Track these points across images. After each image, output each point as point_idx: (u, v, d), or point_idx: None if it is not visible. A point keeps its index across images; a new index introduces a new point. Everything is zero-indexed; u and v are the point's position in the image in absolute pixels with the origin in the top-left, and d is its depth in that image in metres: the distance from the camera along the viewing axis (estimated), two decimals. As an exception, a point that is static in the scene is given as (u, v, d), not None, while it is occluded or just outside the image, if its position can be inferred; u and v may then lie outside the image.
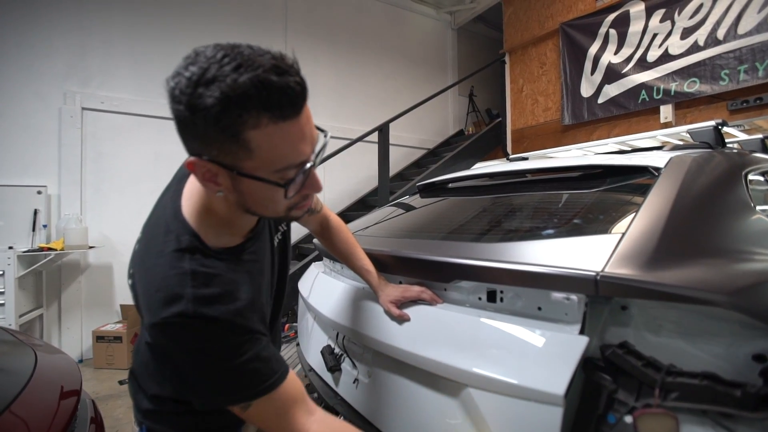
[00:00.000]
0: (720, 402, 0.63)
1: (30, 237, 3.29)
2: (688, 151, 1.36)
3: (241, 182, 0.59)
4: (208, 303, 0.61)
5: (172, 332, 0.60)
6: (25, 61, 3.39)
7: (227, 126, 0.52)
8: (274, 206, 0.64)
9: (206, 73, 0.51)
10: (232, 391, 0.65)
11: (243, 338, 0.65)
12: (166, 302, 0.60)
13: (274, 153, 0.56)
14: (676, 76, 3.58)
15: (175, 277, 0.62)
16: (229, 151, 0.55)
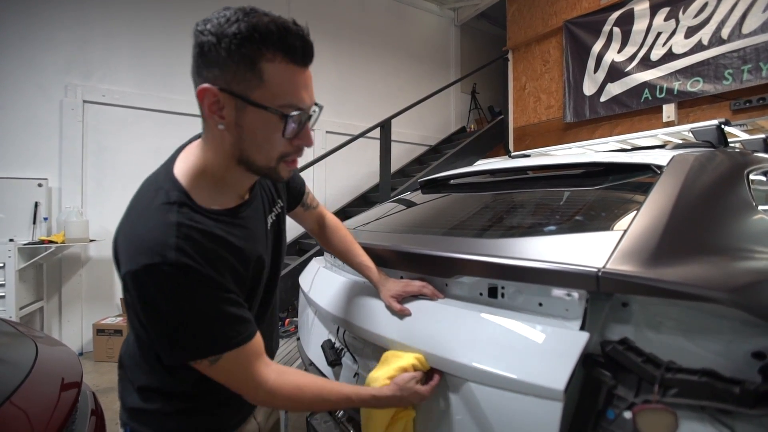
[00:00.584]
0: (719, 398, 0.63)
1: (31, 230, 3.30)
2: (690, 149, 1.36)
3: (245, 115, 0.63)
4: (189, 255, 0.62)
5: (153, 279, 0.61)
6: (26, 54, 3.38)
7: (247, 53, 0.59)
8: (269, 149, 0.66)
9: (237, 14, 0.61)
10: (205, 342, 0.65)
11: (219, 294, 0.66)
12: (148, 250, 0.61)
13: (282, 88, 0.62)
14: (679, 75, 3.57)
15: (161, 227, 0.63)
16: (243, 78, 0.61)
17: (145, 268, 0.60)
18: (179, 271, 0.61)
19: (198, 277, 0.63)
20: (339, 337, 1.25)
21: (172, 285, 0.61)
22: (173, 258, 0.60)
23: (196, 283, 0.63)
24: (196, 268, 0.62)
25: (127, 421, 0.81)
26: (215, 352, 0.65)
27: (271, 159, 0.68)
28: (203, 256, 0.63)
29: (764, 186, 1.37)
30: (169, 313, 0.62)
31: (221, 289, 0.66)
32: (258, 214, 0.81)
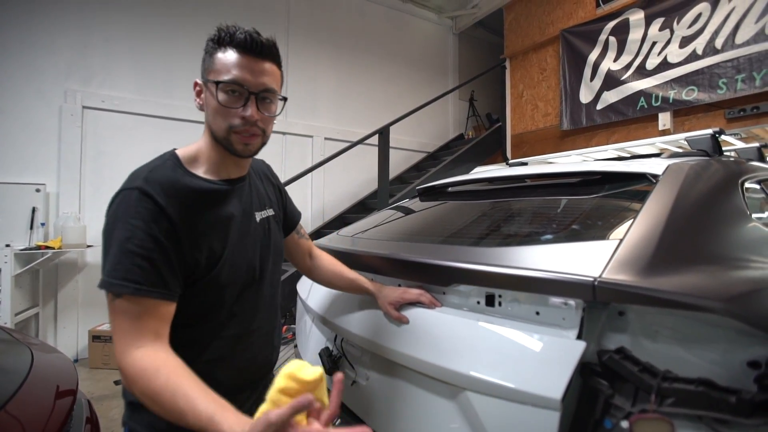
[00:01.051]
0: (715, 408, 0.64)
1: (28, 235, 3.28)
2: (685, 158, 1.37)
3: (206, 94, 0.81)
4: (151, 185, 0.74)
5: (120, 199, 0.74)
6: (26, 59, 3.39)
7: (210, 49, 0.80)
8: (220, 118, 0.80)
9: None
10: (111, 270, 0.70)
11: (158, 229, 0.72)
12: (128, 180, 0.76)
13: (224, 67, 0.78)
14: (674, 84, 3.61)
15: (144, 169, 0.78)
16: (206, 67, 0.81)
17: (119, 192, 0.75)
18: (139, 193, 0.73)
19: (150, 203, 0.72)
20: (336, 345, 1.25)
21: (127, 203, 0.72)
22: (138, 184, 0.73)
23: (144, 209, 0.72)
24: (151, 195, 0.73)
25: (126, 419, 0.83)
26: (113, 283, 0.69)
27: (222, 128, 0.80)
28: (163, 190, 0.74)
29: (758, 194, 1.38)
30: (115, 230, 0.71)
31: (163, 227, 0.73)
32: (237, 200, 0.88)
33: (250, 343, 0.92)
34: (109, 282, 0.70)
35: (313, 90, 4.95)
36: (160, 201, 0.73)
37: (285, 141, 4.68)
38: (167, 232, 0.73)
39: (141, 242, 0.71)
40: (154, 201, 0.73)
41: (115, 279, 0.69)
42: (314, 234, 4.52)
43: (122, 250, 0.70)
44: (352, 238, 1.53)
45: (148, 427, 0.81)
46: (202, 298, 0.81)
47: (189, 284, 0.78)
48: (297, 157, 4.76)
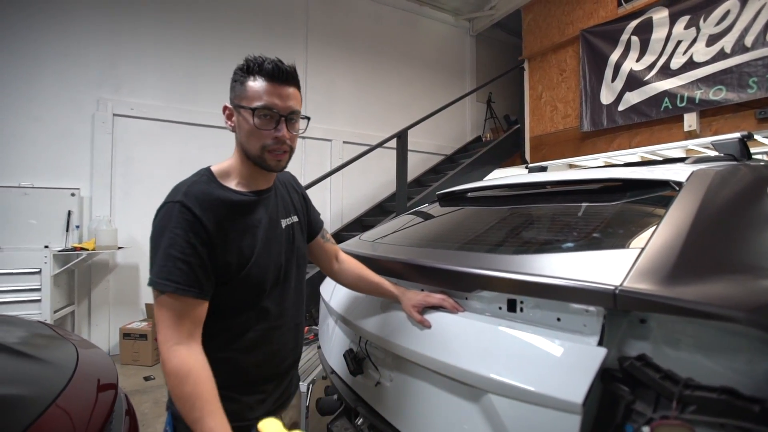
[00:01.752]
0: (738, 416, 0.65)
1: (64, 237, 3.45)
2: (711, 164, 1.36)
3: (239, 116, 0.91)
4: (190, 199, 0.85)
5: (163, 211, 0.85)
6: (61, 70, 3.57)
7: (240, 77, 0.90)
8: (253, 139, 0.89)
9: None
10: (157, 271, 0.82)
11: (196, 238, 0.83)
12: (171, 194, 0.87)
13: (256, 94, 0.88)
14: (701, 84, 3.52)
15: (184, 183, 0.90)
16: (237, 94, 0.90)
17: (163, 205, 0.86)
18: (180, 207, 0.84)
19: (189, 215, 0.83)
20: (361, 347, 1.29)
21: (169, 214, 0.84)
22: (179, 198, 0.85)
23: (184, 220, 0.83)
24: (191, 208, 0.84)
25: (170, 404, 0.92)
26: (158, 283, 0.81)
27: (257, 148, 0.90)
28: (200, 203, 0.85)
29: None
30: (160, 234, 0.83)
31: (200, 236, 0.84)
32: (264, 209, 0.98)
33: (276, 337, 1.00)
34: (155, 281, 0.82)
35: (331, 94, 5.03)
36: (197, 212, 0.84)
37: (304, 145, 4.77)
38: (203, 239, 0.85)
39: (181, 248, 0.82)
40: (192, 213, 0.84)
41: (160, 278, 0.81)
42: (333, 237, 4.58)
43: (166, 255, 0.82)
44: (373, 243, 1.57)
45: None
46: (234, 295, 0.91)
47: (222, 283, 0.89)
48: (316, 161, 4.84)
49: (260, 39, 4.52)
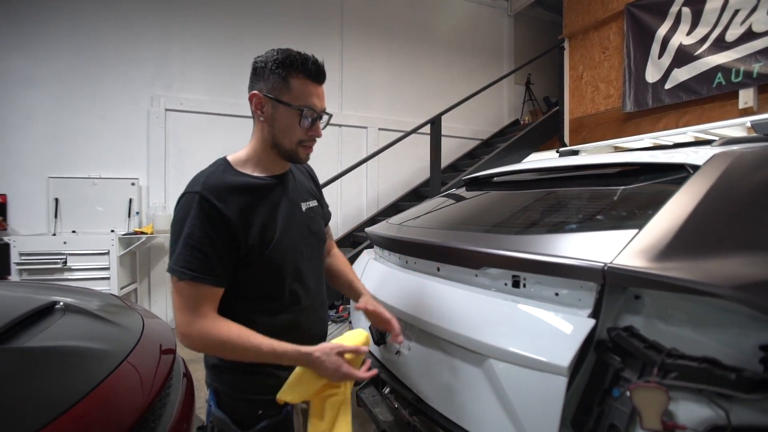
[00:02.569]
0: (716, 383, 0.70)
1: (126, 222, 3.85)
2: (741, 146, 1.33)
3: (277, 110, 0.93)
4: (209, 190, 0.88)
5: (183, 201, 0.89)
6: (120, 70, 3.93)
7: (281, 72, 0.91)
8: (292, 134, 0.94)
9: (279, 50, 0.93)
10: (176, 259, 0.86)
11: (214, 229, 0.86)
12: (191, 185, 0.91)
13: (301, 93, 0.92)
14: (759, 56, 3.25)
15: (202, 173, 0.93)
16: (277, 88, 0.92)
17: (183, 195, 0.90)
18: (200, 198, 0.87)
19: (207, 206, 0.86)
20: (383, 321, 1.41)
21: (190, 205, 0.87)
22: (198, 188, 0.88)
23: (202, 211, 0.86)
24: (210, 200, 0.87)
25: (210, 381, 0.99)
26: (178, 271, 0.85)
27: (293, 143, 0.95)
28: (218, 194, 0.88)
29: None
30: (180, 224, 0.87)
31: (217, 226, 0.86)
32: (283, 191, 1.01)
33: (305, 318, 1.03)
34: (173, 268, 0.86)
35: (366, 82, 5.11)
36: (215, 203, 0.87)
37: (341, 133, 4.91)
38: (221, 228, 0.87)
39: (198, 238, 0.85)
40: (210, 203, 0.87)
41: (178, 266, 0.85)
42: (369, 221, 4.73)
43: (184, 244, 0.85)
44: (399, 226, 1.68)
45: (229, 386, 0.96)
46: (260, 276, 0.94)
47: (246, 264, 0.92)
48: (352, 148, 4.98)
49: (297, 31, 4.67)
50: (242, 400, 0.95)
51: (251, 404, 0.95)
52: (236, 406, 0.95)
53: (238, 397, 0.96)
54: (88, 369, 1.16)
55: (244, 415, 0.95)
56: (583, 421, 0.81)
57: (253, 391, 0.95)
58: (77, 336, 1.36)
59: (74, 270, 3.42)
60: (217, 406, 0.97)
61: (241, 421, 0.94)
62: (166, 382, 1.36)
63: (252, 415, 0.95)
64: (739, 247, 0.87)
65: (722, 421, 0.68)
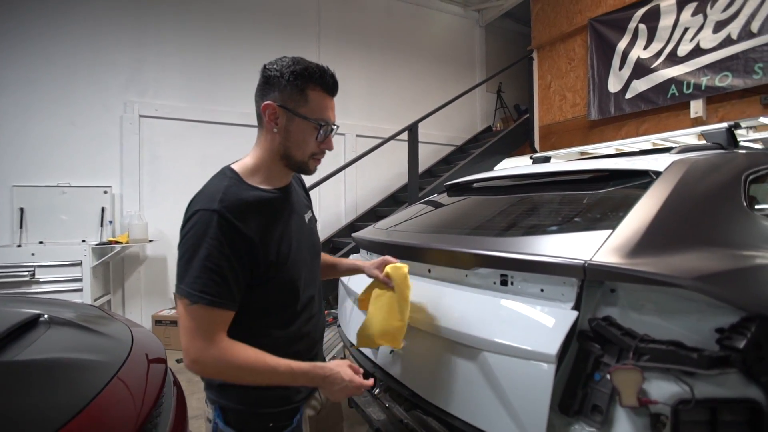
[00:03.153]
0: (681, 362, 0.81)
1: (99, 231, 3.73)
2: (695, 153, 1.48)
3: (293, 122, 0.91)
4: (226, 207, 0.84)
5: (199, 219, 0.83)
6: (93, 75, 3.82)
7: (299, 83, 0.89)
8: (305, 147, 0.93)
9: (295, 60, 0.92)
10: (191, 281, 0.80)
11: (232, 250, 0.82)
12: (203, 201, 0.86)
13: (318, 107, 0.92)
14: (707, 71, 3.56)
15: (215, 188, 0.88)
16: (293, 99, 0.90)
17: (197, 212, 0.84)
18: (217, 217, 0.82)
19: (227, 226, 0.82)
20: (376, 322, 1.47)
21: (207, 224, 0.82)
22: (216, 206, 0.83)
23: (222, 232, 0.82)
24: (229, 219, 0.83)
25: (216, 398, 0.95)
26: (194, 295, 0.80)
27: (305, 155, 0.95)
28: (237, 211, 0.85)
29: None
30: (196, 247, 0.81)
31: (237, 247, 0.83)
32: (290, 205, 1.01)
33: (312, 325, 1.05)
34: (188, 292, 0.81)
35: (344, 89, 5.08)
36: (236, 222, 0.83)
37: (319, 139, 4.95)
38: (241, 249, 0.84)
39: (217, 260, 0.81)
40: (231, 223, 0.83)
41: (194, 290, 0.80)
42: (348, 227, 4.78)
43: (202, 267, 0.80)
44: (387, 230, 1.74)
45: (237, 402, 0.93)
46: (275, 292, 0.93)
47: (264, 281, 0.90)
48: (330, 154, 4.97)
49: (274, 38, 4.68)
50: (251, 415, 0.94)
51: (261, 417, 0.95)
52: (245, 421, 0.94)
53: (247, 412, 0.94)
54: (84, 381, 1.15)
55: (254, 429, 0.94)
56: (569, 403, 0.90)
57: (263, 404, 0.94)
58: (67, 348, 1.34)
59: (43, 282, 3.28)
60: (225, 423, 0.94)
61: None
62: (161, 391, 1.36)
63: (263, 428, 0.94)
64: (696, 243, 0.99)
65: (687, 395, 0.78)
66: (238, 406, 0.94)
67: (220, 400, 0.95)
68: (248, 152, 0.99)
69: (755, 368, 0.79)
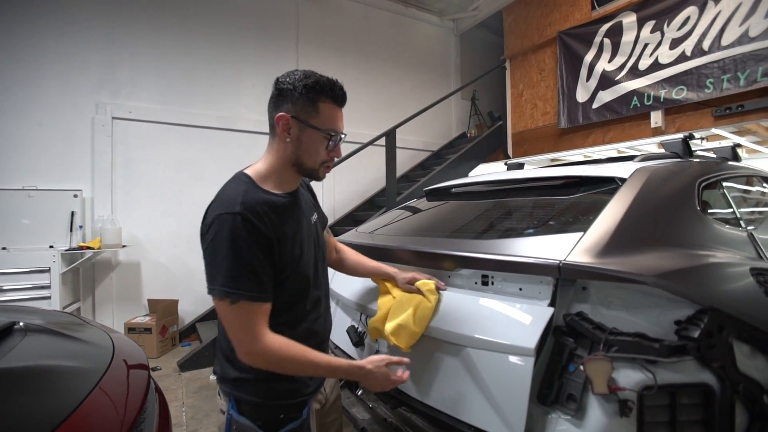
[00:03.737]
0: (644, 352, 0.89)
1: (68, 237, 3.58)
2: (655, 162, 1.61)
3: (304, 132, 0.97)
4: (248, 209, 0.90)
5: (223, 222, 0.89)
6: (62, 75, 3.68)
7: (311, 96, 0.96)
8: (316, 155, 1.00)
9: (307, 73, 0.98)
10: (235, 281, 0.87)
11: (259, 249, 0.89)
12: (224, 205, 0.91)
13: (329, 118, 0.98)
14: (665, 84, 3.81)
15: (234, 192, 0.94)
16: (306, 111, 0.96)
17: (219, 216, 0.90)
18: (241, 218, 0.88)
19: (250, 226, 0.89)
20: (361, 323, 1.51)
21: (232, 227, 0.88)
22: (238, 209, 0.89)
23: (247, 232, 0.88)
24: (251, 220, 0.89)
25: (231, 390, 1.00)
26: (234, 293, 0.86)
27: (316, 163, 1.01)
28: (257, 213, 0.90)
29: (718, 190, 1.61)
30: (224, 248, 0.87)
31: (261, 245, 0.90)
32: (300, 208, 1.07)
33: (320, 323, 1.11)
34: (228, 291, 0.87)
35: (322, 94, 5.19)
36: (257, 222, 0.90)
37: (297, 144, 4.95)
38: (265, 248, 0.91)
39: (248, 259, 0.88)
40: (253, 224, 0.89)
41: (233, 289, 0.87)
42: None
43: (234, 266, 0.87)
44: (371, 234, 1.79)
45: (252, 394, 0.98)
46: (287, 292, 0.99)
47: (281, 281, 0.96)
48: (308, 158, 5.02)
49: (253, 41, 4.66)
50: (264, 407, 0.99)
51: (273, 409, 0.99)
52: (259, 412, 0.99)
53: (261, 404, 0.99)
54: (68, 388, 1.14)
55: (267, 420, 0.98)
56: (547, 394, 0.97)
57: (276, 396, 0.99)
58: (47, 355, 1.31)
59: (6, 290, 3.13)
60: (239, 413, 0.99)
61: (263, 426, 0.98)
62: (146, 397, 1.35)
63: (275, 420, 0.99)
64: (657, 244, 1.10)
65: (651, 382, 0.87)
66: (253, 398, 0.99)
67: (234, 393, 1.00)
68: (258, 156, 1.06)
69: (708, 355, 0.89)
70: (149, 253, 4.04)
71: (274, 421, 0.99)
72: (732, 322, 0.96)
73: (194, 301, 4.19)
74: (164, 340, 3.76)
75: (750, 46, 3.23)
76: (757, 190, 1.98)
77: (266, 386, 0.98)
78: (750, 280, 1.13)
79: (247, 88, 4.61)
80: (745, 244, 1.34)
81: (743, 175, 1.85)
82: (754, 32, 3.23)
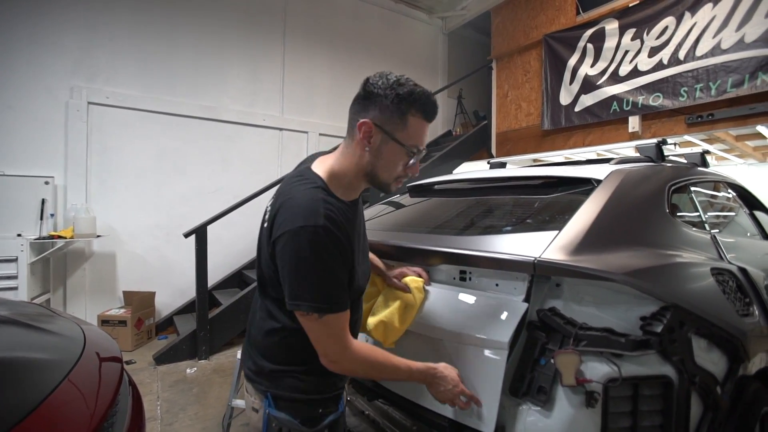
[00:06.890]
0: (611, 346, 0.93)
1: (38, 225, 3.45)
2: (630, 165, 1.66)
3: (387, 144, 0.91)
4: (331, 222, 0.86)
5: (306, 236, 0.84)
6: (34, 56, 3.53)
7: (401, 107, 0.88)
8: (393, 170, 0.94)
9: (401, 80, 0.90)
10: (322, 295, 0.85)
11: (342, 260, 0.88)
12: (304, 216, 0.85)
13: (415, 133, 0.91)
14: (643, 90, 3.93)
15: (313, 202, 0.87)
16: (393, 122, 0.89)
17: (302, 228, 0.84)
18: (324, 231, 0.84)
19: (334, 239, 0.86)
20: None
21: (316, 240, 0.84)
22: (321, 222, 0.84)
23: (331, 244, 0.85)
24: (334, 232, 0.86)
25: (267, 387, 0.98)
26: (323, 308, 0.85)
27: (391, 177, 0.95)
28: (337, 225, 0.87)
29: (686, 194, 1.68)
30: (309, 264, 0.84)
31: (345, 256, 0.89)
32: (361, 217, 1.07)
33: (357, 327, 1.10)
34: (317, 306, 0.85)
35: (309, 88, 5.15)
36: (339, 235, 0.87)
37: (281, 137, 4.89)
38: (347, 259, 0.90)
39: (336, 273, 0.87)
40: (336, 237, 0.86)
41: (321, 304, 0.85)
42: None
43: (323, 281, 0.86)
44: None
45: (289, 390, 0.97)
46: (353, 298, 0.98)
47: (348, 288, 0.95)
48: (293, 151, 4.97)
49: (238, 31, 4.57)
50: (301, 402, 0.97)
51: (311, 404, 0.98)
52: (296, 408, 0.97)
53: (298, 399, 0.98)
54: (35, 381, 1.11)
55: (306, 414, 0.98)
56: (518, 386, 1.00)
57: (313, 391, 0.98)
58: (14, 347, 1.27)
59: (-30, 280, 3.00)
60: (277, 410, 0.97)
61: (303, 420, 0.97)
62: (117, 390, 1.32)
63: (314, 414, 0.98)
64: (627, 243, 1.14)
65: (616, 374, 0.91)
66: (290, 393, 0.97)
67: (271, 389, 0.98)
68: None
69: (669, 349, 0.94)
70: (126, 243, 3.94)
71: (314, 416, 0.98)
72: (692, 318, 1.02)
73: (172, 294, 4.10)
74: (140, 333, 3.68)
75: (721, 58, 3.36)
76: (722, 195, 2.08)
77: (302, 381, 0.97)
78: (711, 279, 1.19)
79: (232, 78, 4.52)
80: (708, 246, 1.41)
81: (710, 180, 1.93)
82: (725, 44, 3.36)
